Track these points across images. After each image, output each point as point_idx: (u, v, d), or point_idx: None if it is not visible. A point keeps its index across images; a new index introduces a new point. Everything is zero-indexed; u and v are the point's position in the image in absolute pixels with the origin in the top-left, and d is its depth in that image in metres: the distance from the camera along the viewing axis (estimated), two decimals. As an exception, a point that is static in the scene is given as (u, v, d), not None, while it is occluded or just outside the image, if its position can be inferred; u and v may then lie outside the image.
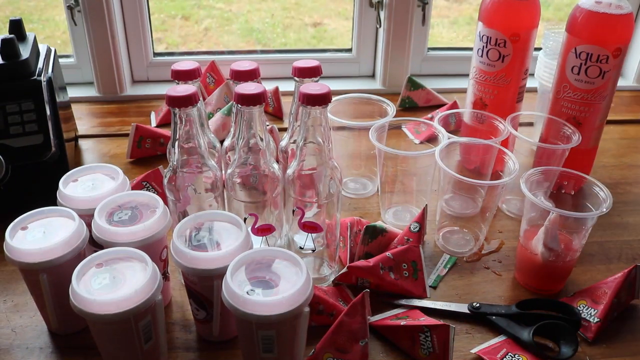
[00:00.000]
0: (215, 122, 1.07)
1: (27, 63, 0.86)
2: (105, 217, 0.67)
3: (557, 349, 0.68)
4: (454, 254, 0.83)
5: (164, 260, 0.70)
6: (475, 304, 0.72)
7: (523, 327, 0.69)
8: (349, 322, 0.65)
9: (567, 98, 0.89)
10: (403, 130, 0.98)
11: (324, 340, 0.64)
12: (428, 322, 0.66)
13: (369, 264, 0.73)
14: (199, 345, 0.69)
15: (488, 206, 0.82)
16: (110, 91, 1.25)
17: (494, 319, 0.71)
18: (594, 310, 0.71)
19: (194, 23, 1.89)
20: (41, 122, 0.86)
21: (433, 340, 0.64)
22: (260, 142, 0.69)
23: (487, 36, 0.91)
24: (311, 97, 0.64)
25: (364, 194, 0.97)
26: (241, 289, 0.57)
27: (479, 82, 0.96)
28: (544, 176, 0.78)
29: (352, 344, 0.65)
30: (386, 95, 0.98)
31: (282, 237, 0.78)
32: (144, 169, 0.97)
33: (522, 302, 0.72)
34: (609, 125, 1.12)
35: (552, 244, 0.74)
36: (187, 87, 0.67)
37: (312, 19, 1.90)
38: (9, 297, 0.75)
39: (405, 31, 1.25)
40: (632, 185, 1.00)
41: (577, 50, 0.85)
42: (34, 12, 1.86)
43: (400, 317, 0.70)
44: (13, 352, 0.67)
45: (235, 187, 0.72)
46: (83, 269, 0.60)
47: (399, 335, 0.68)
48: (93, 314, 0.56)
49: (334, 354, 0.64)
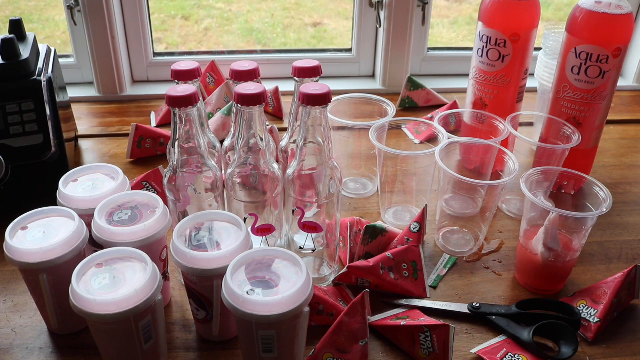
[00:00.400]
0: (215, 122, 1.07)
1: (27, 63, 0.86)
2: (105, 217, 0.67)
3: (557, 349, 0.68)
4: (454, 254, 0.83)
5: (164, 260, 0.70)
6: (475, 304, 0.72)
7: (523, 327, 0.69)
8: (349, 322, 0.65)
9: (567, 98, 0.89)
10: (403, 130, 0.98)
11: (324, 340, 0.64)
12: (428, 322, 0.66)
13: (369, 264, 0.73)
14: (199, 345, 0.69)
15: (488, 206, 0.82)
16: (110, 91, 1.25)
17: (494, 319, 0.71)
18: (594, 310, 0.71)
19: (194, 23, 1.89)
20: (41, 122, 0.86)
21: (433, 340, 0.64)
22: (260, 142, 0.69)
23: (487, 36, 0.91)
24: (311, 97, 0.64)
25: (364, 194, 0.97)
26: (241, 289, 0.57)
27: (479, 82, 0.96)
28: (544, 176, 0.78)
29: (352, 344, 0.65)
30: (386, 95, 0.98)
31: (282, 237, 0.78)
32: (144, 169, 0.97)
33: (522, 302, 0.72)
34: (609, 125, 1.13)
35: (552, 244, 0.74)
36: (187, 87, 0.67)
37: (312, 19, 1.90)
38: (9, 297, 0.75)
39: (405, 31, 1.25)
40: (632, 185, 1.00)
41: (577, 50, 0.85)
42: (34, 12, 1.86)
43: (400, 317, 0.70)
44: (13, 352, 0.67)
45: (235, 187, 0.72)
46: (83, 269, 0.60)
47: (399, 335, 0.68)
48: (93, 314, 0.56)
49: (334, 354, 0.64)
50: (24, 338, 0.69)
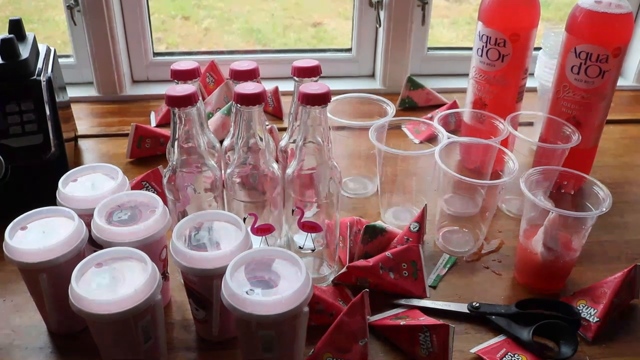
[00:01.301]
0: (215, 122, 1.07)
1: (26, 63, 0.86)
2: (104, 217, 0.67)
3: (557, 348, 0.68)
4: (453, 253, 0.83)
5: (163, 260, 0.70)
6: (475, 304, 0.72)
7: (523, 327, 0.69)
8: (349, 322, 0.65)
9: (567, 98, 0.89)
10: (403, 130, 0.98)
11: (324, 340, 0.64)
12: (428, 322, 0.66)
13: (369, 264, 0.73)
14: (199, 345, 0.69)
15: (488, 206, 0.82)
16: (110, 91, 1.25)
17: (494, 318, 0.71)
18: (594, 310, 0.71)
19: (194, 23, 1.89)
20: (41, 122, 0.86)
21: (432, 340, 0.64)
22: (259, 142, 0.69)
23: (486, 36, 0.91)
24: (310, 97, 0.64)
25: (363, 194, 0.97)
26: (240, 288, 0.57)
27: (478, 82, 0.96)
28: (544, 176, 0.78)
29: (351, 344, 0.65)
30: (386, 95, 0.97)
31: (281, 237, 0.78)
32: (144, 168, 0.97)
33: (521, 301, 0.72)
34: (608, 125, 1.12)
35: (551, 244, 0.74)
36: (186, 87, 0.67)
37: (312, 19, 1.90)
38: (8, 297, 0.75)
39: (405, 31, 1.25)
40: (632, 185, 1.00)
41: (576, 50, 0.85)
42: (34, 12, 1.86)
43: (400, 317, 0.70)
44: (13, 352, 0.67)
45: (235, 187, 0.71)
46: (82, 268, 0.60)
47: (399, 335, 0.68)
48: (92, 314, 0.56)
49: (334, 354, 0.64)
50: (23, 338, 0.69)
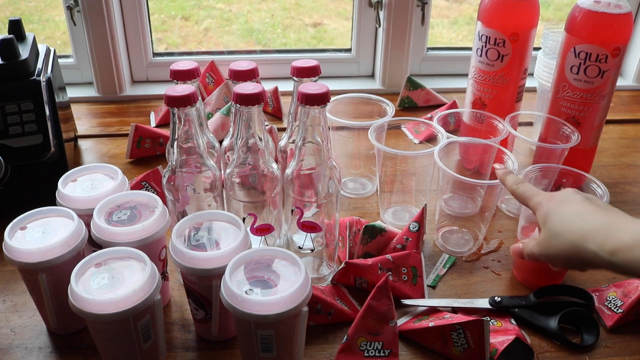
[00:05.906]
0: (215, 122, 1.07)
1: (26, 63, 0.86)
2: (104, 217, 0.67)
3: (580, 336, 0.69)
4: (453, 253, 0.83)
5: (162, 260, 0.70)
6: (496, 298, 0.73)
7: (546, 317, 0.70)
8: (377, 305, 0.67)
9: (566, 98, 0.89)
10: (402, 130, 0.98)
11: (355, 326, 0.66)
12: (459, 320, 0.65)
13: (367, 263, 0.73)
14: (198, 345, 0.69)
15: (487, 206, 0.82)
16: (109, 91, 1.25)
17: (517, 311, 0.72)
18: (621, 302, 0.72)
19: (194, 23, 1.90)
20: (40, 122, 0.86)
21: (467, 337, 0.65)
22: (259, 142, 0.69)
23: (486, 36, 0.91)
24: (310, 97, 0.64)
25: (363, 194, 0.97)
26: (240, 288, 0.57)
27: (478, 82, 0.96)
28: (543, 173, 0.78)
29: (382, 325, 0.66)
30: (385, 95, 0.98)
31: (281, 236, 0.78)
32: (143, 169, 0.97)
33: (539, 289, 0.73)
34: (608, 125, 1.13)
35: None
36: (185, 87, 0.67)
37: (312, 19, 1.91)
38: (8, 297, 0.75)
39: (405, 31, 1.25)
40: (632, 185, 1.00)
41: (576, 50, 0.85)
42: (34, 13, 1.86)
43: (420, 318, 0.70)
44: (12, 352, 0.67)
45: (234, 187, 0.72)
46: (82, 268, 0.60)
47: (429, 336, 0.67)
48: (92, 314, 0.56)
49: (367, 337, 0.66)
50: (23, 338, 0.69)
